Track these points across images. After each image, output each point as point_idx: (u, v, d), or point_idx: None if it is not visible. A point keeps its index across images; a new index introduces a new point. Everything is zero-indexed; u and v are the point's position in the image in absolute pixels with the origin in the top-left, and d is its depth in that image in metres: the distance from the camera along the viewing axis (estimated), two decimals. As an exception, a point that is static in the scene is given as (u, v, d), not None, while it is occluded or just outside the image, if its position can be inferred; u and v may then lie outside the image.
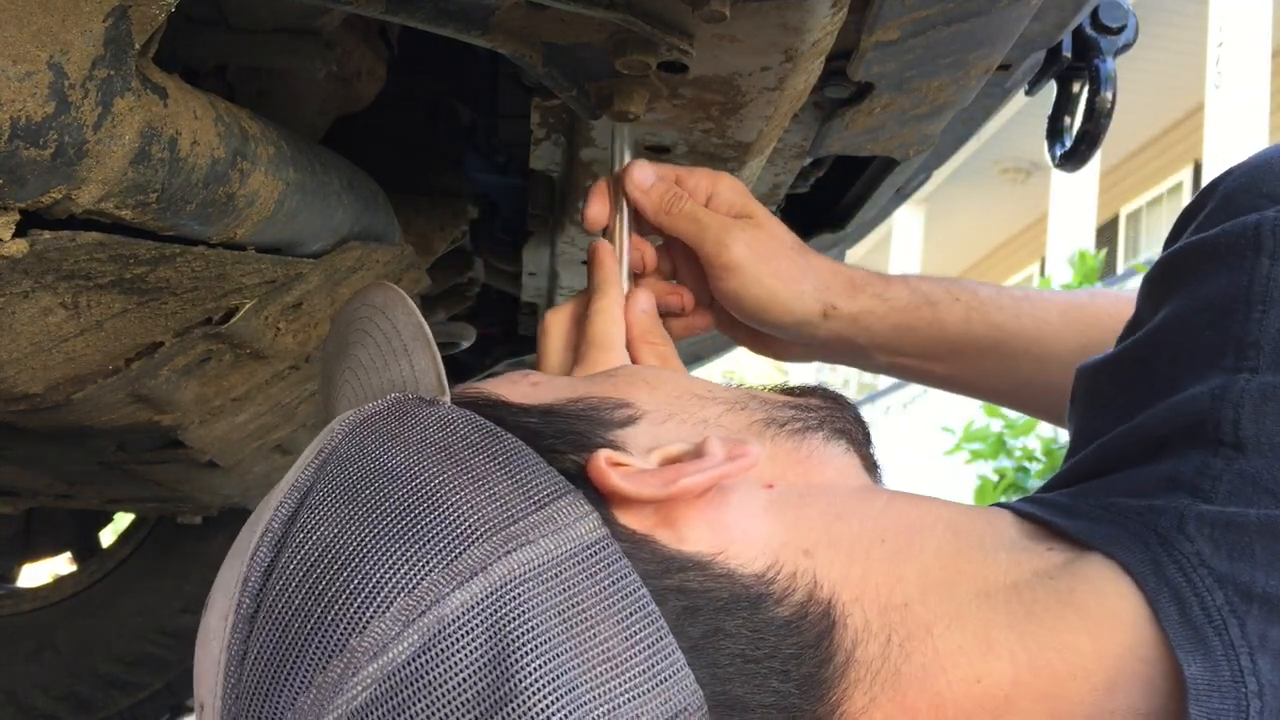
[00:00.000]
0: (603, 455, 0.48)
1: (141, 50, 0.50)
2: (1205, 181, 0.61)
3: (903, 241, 11.36)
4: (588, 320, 0.69)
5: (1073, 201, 8.73)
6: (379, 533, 0.45)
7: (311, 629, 0.43)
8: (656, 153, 0.83)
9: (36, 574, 2.37)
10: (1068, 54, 1.02)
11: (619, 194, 0.72)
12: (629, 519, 0.47)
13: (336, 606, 0.43)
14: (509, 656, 0.41)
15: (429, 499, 0.46)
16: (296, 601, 0.44)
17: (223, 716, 0.45)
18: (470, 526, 0.45)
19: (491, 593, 0.43)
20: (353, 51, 0.90)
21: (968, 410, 5.64)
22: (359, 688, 0.42)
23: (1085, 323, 0.78)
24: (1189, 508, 0.47)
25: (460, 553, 0.44)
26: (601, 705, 0.42)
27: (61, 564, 2.30)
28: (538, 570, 0.44)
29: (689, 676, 0.44)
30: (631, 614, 0.44)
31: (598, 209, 0.72)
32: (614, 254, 0.72)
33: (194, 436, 1.00)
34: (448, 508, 0.46)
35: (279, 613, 0.44)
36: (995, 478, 5.33)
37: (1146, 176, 10.10)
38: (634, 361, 0.68)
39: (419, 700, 0.41)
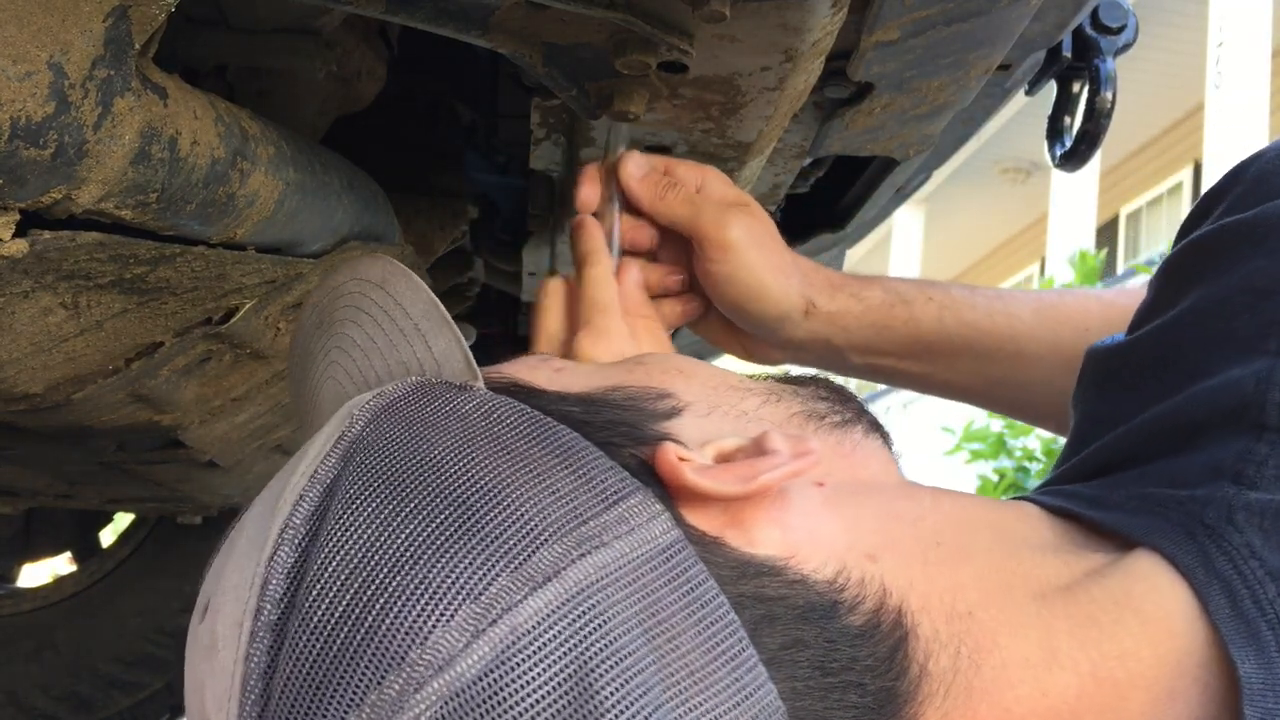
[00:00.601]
0: (671, 449, 0.45)
1: (141, 50, 0.50)
2: (1205, 181, 0.61)
3: (903, 241, 11.35)
4: (584, 285, 0.68)
5: (1073, 201, 8.73)
6: (433, 532, 0.40)
7: (362, 640, 0.38)
8: (656, 153, 0.82)
9: (36, 574, 2.37)
10: (1068, 54, 1.02)
11: (610, 181, 0.73)
12: (698, 519, 0.44)
13: (391, 615, 0.38)
14: (591, 673, 0.37)
15: (487, 495, 0.42)
16: (340, 608, 0.39)
17: None
18: (537, 526, 0.40)
19: (567, 600, 0.39)
20: (353, 51, 0.90)
21: (968, 410, 5.64)
22: (422, 705, 0.37)
23: (1057, 320, 0.79)
24: (1236, 496, 0.45)
25: (529, 556, 0.39)
26: None
27: (61, 564, 2.30)
28: (615, 576, 0.40)
29: (772, 691, 0.41)
30: (713, 624, 0.41)
31: (589, 191, 0.72)
32: (600, 225, 0.72)
33: (194, 436, 1.00)
34: (509, 505, 0.41)
35: (319, 621, 0.39)
36: (995, 478, 5.33)
37: (1146, 176, 10.10)
38: None
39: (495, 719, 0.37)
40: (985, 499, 0.52)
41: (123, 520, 2.18)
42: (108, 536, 2.20)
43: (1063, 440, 0.68)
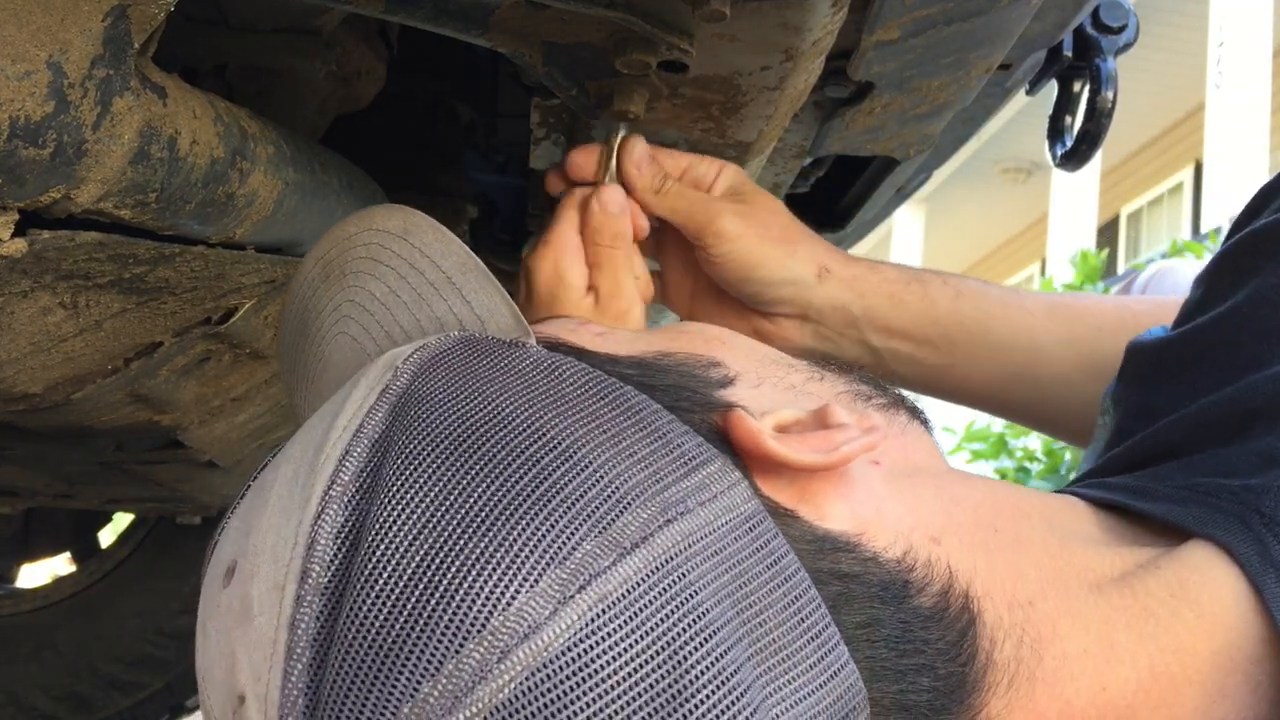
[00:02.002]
0: (746, 415, 0.43)
1: (141, 49, 0.50)
2: (1206, 181, 0.61)
3: (903, 241, 11.35)
4: (588, 215, 0.69)
5: (1073, 201, 8.72)
6: (508, 492, 0.38)
7: (436, 605, 0.35)
8: (657, 152, 0.82)
9: (36, 574, 2.37)
10: (1068, 53, 1.02)
11: (608, 163, 0.73)
12: (771, 490, 0.42)
13: (469, 579, 0.35)
14: (682, 648, 0.35)
15: (563, 454, 0.39)
16: (409, 572, 0.36)
17: (282, 707, 0.37)
18: (620, 489, 0.38)
19: (657, 569, 0.36)
20: (352, 51, 0.90)
21: (969, 410, 5.63)
22: (506, 676, 0.34)
23: (1070, 317, 0.78)
24: None
25: (614, 519, 0.37)
26: (777, 704, 0.37)
27: (61, 564, 2.29)
28: (703, 545, 0.38)
29: (855, 672, 0.39)
30: (797, 599, 0.39)
31: (585, 158, 0.71)
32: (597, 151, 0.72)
33: (193, 436, 1.00)
34: (587, 466, 0.38)
35: (385, 585, 0.36)
36: (996, 478, 5.33)
37: (1147, 176, 10.10)
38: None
39: (584, 694, 0.34)
40: (1031, 490, 0.51)
41: (122, 520, 2.18)
42: (107, 537, 2.20)
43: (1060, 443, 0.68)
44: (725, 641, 0.36)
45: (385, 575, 0.36)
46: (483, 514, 0.37)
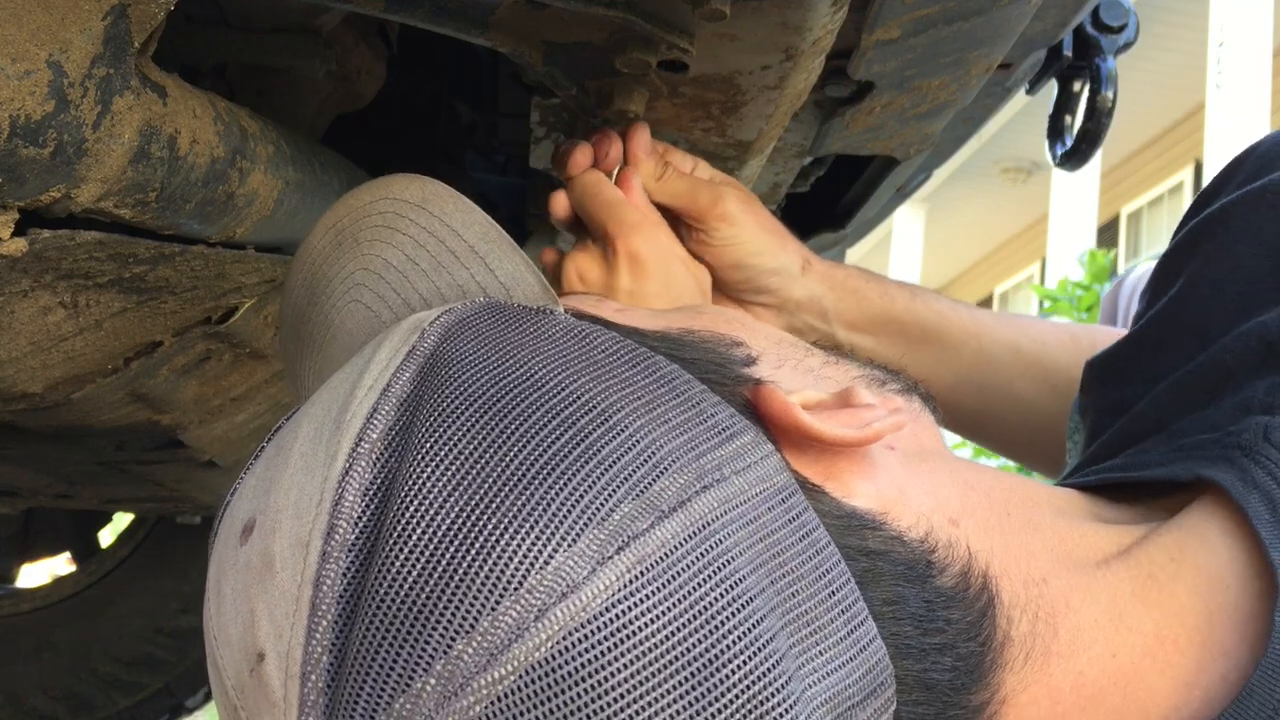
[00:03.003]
0: (777, 389, 0.43)
1: (141, 49, 0.50)
2: (1206, 181, 0.61)
3: (903, 241, 11.35)
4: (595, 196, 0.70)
5: (1074, 201, 8.72)
6: (546, 451, 0.37)
7: (471, 562, 0.35)
8: (657, 152, 0.83)
9: (36, 574, 2.37)
10: (1068, 53, 1.02)
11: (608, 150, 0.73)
12: (799, 466, 0.42)
13: (506, 536, 0.35)
14: (718, 615, 0.35)
15: (598, 417, 0.38)
16: (444, 528, 0.36)
17: (304, 664, 0.36)
18: (656, 453, 0.38)
19: (695, 533, 0.36)
20: (352, 50, 0.90)
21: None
22: (543, 635, 0.34)
23: (1015, 326, 0.83)
24: (1270, 421, 0.46)
25: (652, 483, 0.37)
26: (808, 675, 0.37)
27: (61, 564, 2.29)
28: (738, 513, 0.38)
29: (882, 648, 0.39)
30: (828, 572, 0.39)
31: (584, 155, 0.72)
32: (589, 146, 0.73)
33: (193, 436, 1.00)
34: (623, 429, 0.38)
35: (419, 541, 0.36)
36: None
37: (1147, 176, 10.10)
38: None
39: (621, 656, 0.34)
40: (1033, 479, 0.52)
41: (122, 520, 2.18)
42: (107, 537, 2.20)
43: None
44: (760, 611, 0.36)
45: (419, 530, 0.36)
46: (519, 472, 0.37)
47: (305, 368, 0.54)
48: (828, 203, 1.26)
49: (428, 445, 0.38)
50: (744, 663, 0.35)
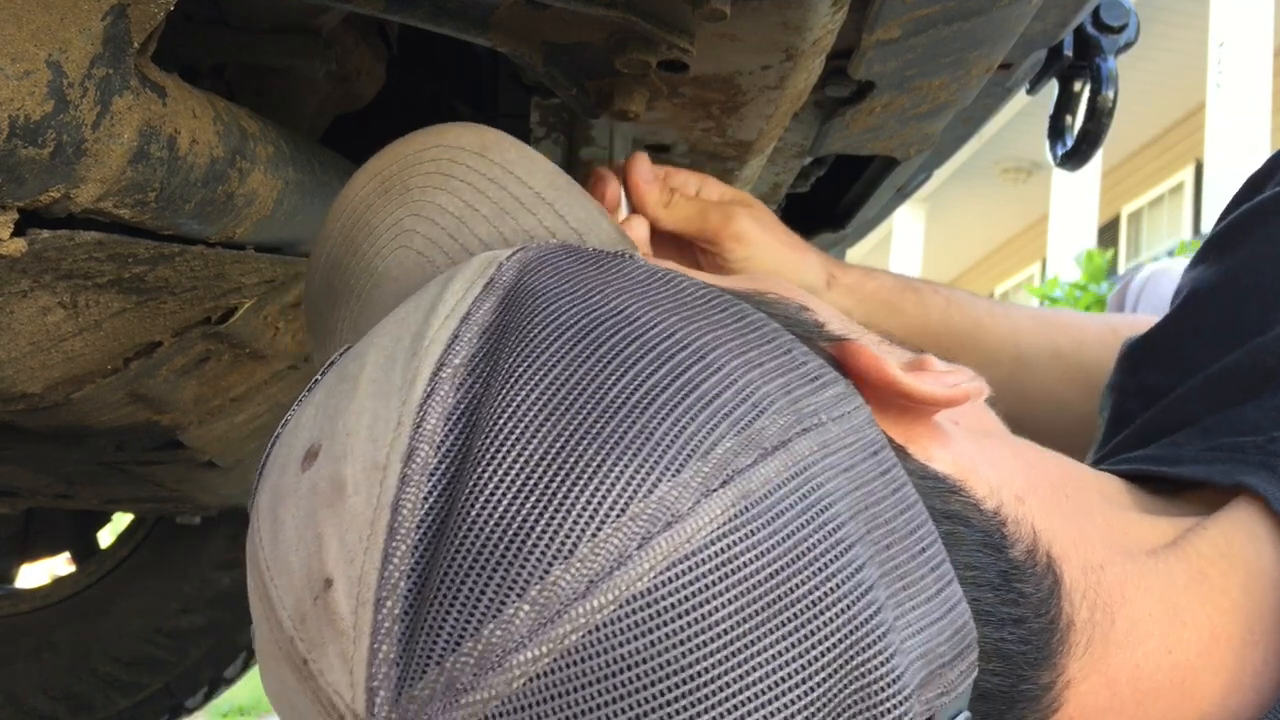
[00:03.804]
0: (865, 345, 0.42)
1: (140, 49, 0.50)
2: (1207, 180, 0.62)
3: (903, 241, 11.35)
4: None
5: (1074, 201, 8.73)
6: (644, 383, 0.36)
7: (571, 488, 0.34)
8: (656, 151, 0.82)
9: (35, 574, 2.37)
10: (1069, 53, 1.02)
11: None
12: (883, 425, 0.41)
13: (609, 463, 0.34)
14: (819, 558, 0.34)
15: (694, 354, 0.37)
16: (540, 453, 0.34)
17: (379, 590, 0.34)
18: (753, 393, 0.36)
19: (797, 474, 0.35)
20: (352, 50, 0.90)
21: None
22: (647, 564, 0.33)
23: (1054, 328, 0.80)
24: None
25: (752, 421, 0.36)
26: (904, 628, 0.36)
27: (60, 564, 2.29)
28: (836, 459, 0.37)
29: (967, 610, 0.38)
30: (918, 528, 0.38)
31: (605, 191, 0.71)
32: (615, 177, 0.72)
33: (193, 436, 1.00)
34: (720, 367, 0.37)
35: (513, 466, 0.34)
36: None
37: (1148, 176, 10.10)
38: None
39: (724, 590, 0.33)
40: (1081, 464, 0.52)
41: (121, 520, 2.18)
42: (106, 537, 2.20)
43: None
44: (860, 558, 0.35)
45: (514, 455, 0.35)
46: (617, 402, 0.35)
47: (338, 317, 0.52)
48: (828, 203, 1.26)
49: (519, 371, 0.37)
50: (846, 608, 0.34)
